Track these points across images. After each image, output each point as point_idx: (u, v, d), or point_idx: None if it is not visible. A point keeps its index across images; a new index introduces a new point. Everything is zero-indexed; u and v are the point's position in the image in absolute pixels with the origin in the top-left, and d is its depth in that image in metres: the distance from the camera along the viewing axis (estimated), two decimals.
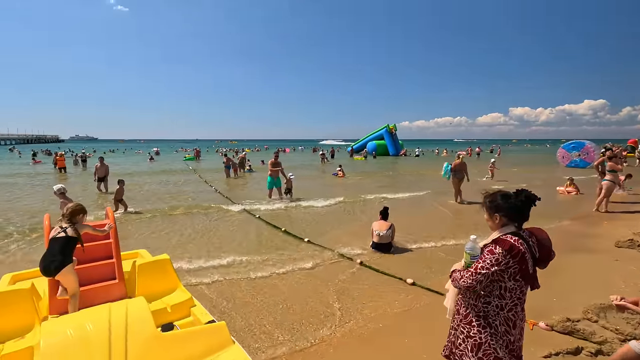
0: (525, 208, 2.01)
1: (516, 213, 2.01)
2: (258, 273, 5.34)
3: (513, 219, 2.02)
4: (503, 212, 2.03)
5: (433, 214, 9.61)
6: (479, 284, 1.95)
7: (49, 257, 3.15)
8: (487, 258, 1.93)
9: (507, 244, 1.91)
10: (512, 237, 1.95)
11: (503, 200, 2.04)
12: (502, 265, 1.89)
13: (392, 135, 41.73)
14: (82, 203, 3.60)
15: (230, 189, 14.41)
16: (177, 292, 3.70)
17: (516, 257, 1.89)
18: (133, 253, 4.95)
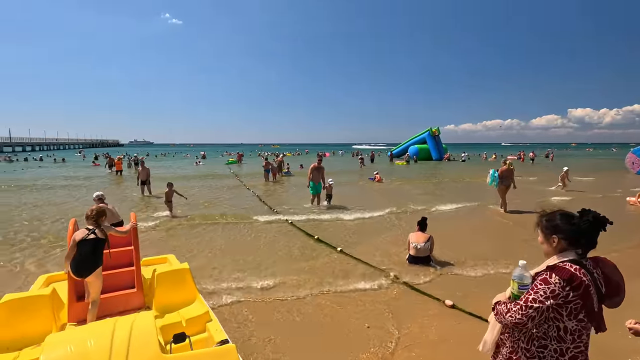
0: (593, 232, 1.63)
1: (580, 237, 1.64)
2: (289, 291, 4.96)
3: (575, 244, 1.65)
4: (563, 234, 1.67)
5: (479, 226, 8.79)
6: (531, 321, 1.57)
7: (82, 259, 3.22)
8: (541, 289, 1.57)
9: (566, 273, 1.55)
10: (573, 265, 1.58)
11: (564, 221, 1.68)
12: (559, 299, 1.53)
13: (435, 138, 40.09)
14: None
15: (269, 194, 14.18)
16: (195, 304, 3.53)
17: (578, 290, 1.52)
18: (161, 258, 4.93)
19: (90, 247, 3.26)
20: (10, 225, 8.81)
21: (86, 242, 3.28)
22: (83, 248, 3.25)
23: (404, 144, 44.37)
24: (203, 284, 5.08)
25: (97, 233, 3.34)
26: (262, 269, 5.70)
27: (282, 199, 13.16)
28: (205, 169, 28.17)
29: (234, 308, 4.43)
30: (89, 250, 3.25)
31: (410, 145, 41.93)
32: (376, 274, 5.44)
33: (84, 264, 3.21)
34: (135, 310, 3.46)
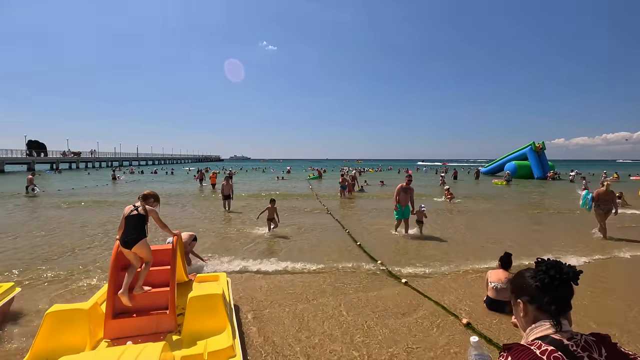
0: (552, 290, 1.19)
1: (539, 299, 1.21)
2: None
3: (543, 310, 1.21)
4: (526, 296, 1.26)
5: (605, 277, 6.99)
6: None
7: (126, 233, 3.62)
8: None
9: (524, 356, 1.11)
10: (542, 344, 1.13)
11: (527, 277, 1.27)
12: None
13: (539, 154, 35.16)
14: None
15: (347, 216, 12.71)
16: (223, 334, 3.29)
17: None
18: (213, 275, 4.91)
19: (133, 221, 3.67)
20: (98, 231, 10.05)
21: (130, 218, 3.69)
22: (129, 222, 3.67)
23: (499, 160, 39.98)
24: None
25: (139, 210, 3.73)
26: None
27: (357, 217, 12.47)
28: (284, 186, 29.04)
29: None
30: (133, 224, 3.65)
31: (507, 161, 37.58)
32: (443, 316, 4.57)
33: (128, 236, 3.59)
34: (165, 333, 3.37)
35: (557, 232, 9.93)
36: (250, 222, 11.12)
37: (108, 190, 23.75)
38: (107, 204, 15.70)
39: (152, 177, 39.38)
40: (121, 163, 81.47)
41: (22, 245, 8.33)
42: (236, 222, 11.58)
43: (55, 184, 27.45)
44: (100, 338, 3.27)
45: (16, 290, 4.80)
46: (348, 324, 4.36)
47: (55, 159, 62.75)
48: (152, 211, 3.83)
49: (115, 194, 21.48)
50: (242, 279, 6.07)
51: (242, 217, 12.44)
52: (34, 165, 56.57)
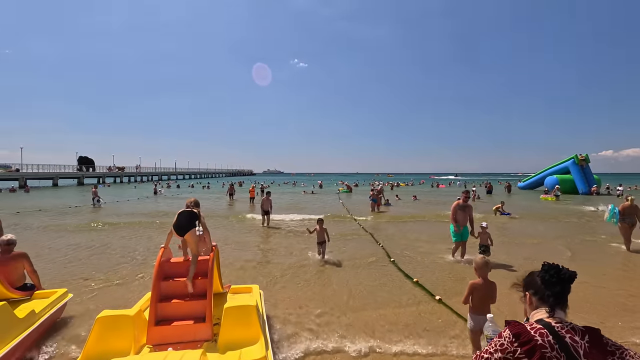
0: (552, 286, 1.61)
1: (542, 292, 1.64)
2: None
3: (544, 300, 1.64)
4: (533, 289, 1.69)
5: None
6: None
7: (179, 222, 4.15)
8: (495, 342, 1.66)
9: (517, 329, 1.58)
10: (535, 324, 1.57)
11: (534, 276, 1.70)
12: (507, 353, 1.57)
13: (583, 167, 33.14)
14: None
15: (389, 238, 11.24)
16: (257, 345, 3.40)
17: (524, 346, 1.52)
18: (247, 287, 5.06)
19: (187, 215, 4.21)
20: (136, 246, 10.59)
21: (184, 212, 4.24)
22: (182, 215, 4.21)
23: (538, 174, 38.07)
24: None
25: (193, 208, 4.32)
26: None
27: (403, 242, 10.40)
28: (313, 200, 29.16)
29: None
30: (186, 216, 4.19)
31: (547, 175, 35.70)
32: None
33: (181, 224, 4.12)
34: (202, 341, 3.53)
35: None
36: (294, 240, 10.61)
37: (153, 203, 25.01)
38: (155, 226, 14.36)
39: (190, 191, 41.14)
40: (160, 177, 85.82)
41: (84, 255, 8.99)
42: (277, 237, 11.38)
43: (107, 197, 29.35)
44: (143, 343, 3.48)
45: (69, 296, 5.20)
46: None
47: (102, 174, 67.34)
48: (200, 213, 4.33)
49: (159, 212, 22.57)
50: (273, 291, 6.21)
51: (283, 234, 11.94)
52: (84, 179, 60.98)
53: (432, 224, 14.13)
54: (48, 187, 48.77)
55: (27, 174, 50.56)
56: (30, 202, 24.76)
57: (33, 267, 5.01)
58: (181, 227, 4.11)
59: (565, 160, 34.54)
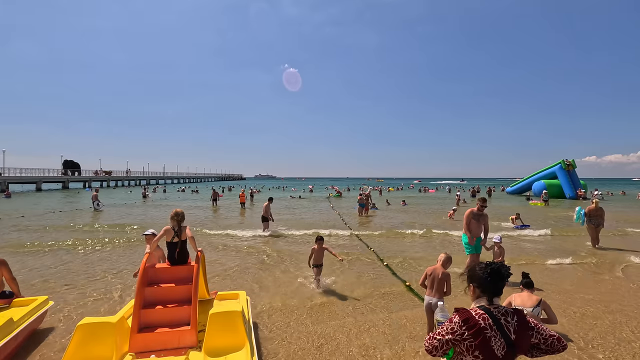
0: (494, 282, 1.95)
1: (484, 286, 1.97)
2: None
3: (483, 291, 1.98)
4: (475, 283, 2.02)
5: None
6: (434, 349, 1.94)
7: (171, 256, 4.19)
8: (445, 326, 1.94)
9: (464, 315, 1.89)
10: (478, 310, 1.92)
11: (476, 271, 2.02)
12: (456, 335, 1.87)
13: (570, 172, 33.84)
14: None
15: (381, 245, 10.78)
16: (242, 351, 3.36)
17: (471, 330, 1.83)
18: (234, 294, 5.00)
19: (179, 248, 4.19)
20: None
21: (174, 245, 4.21)
22: (172, 248, 4.20)
23: (526, 179, 38.72)
24: None
25: (178, 227, 4.27)
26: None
27: (405, 253, 9.55)
28: (304, 204, 29.17)
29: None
30: (178, 252, 4.19)
31: (535, 180, 36.36)
32: None
33: (174, 260, 4.17)
34: (187, 348, 3.46)
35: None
36: (293, 255, 9.32)
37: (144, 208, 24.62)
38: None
39: (179, 195, 40.58)
40: (148, 182, 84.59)
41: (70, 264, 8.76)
42: (278, 251, 9.84)
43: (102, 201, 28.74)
44: (126, 351, 3.39)
45: (49, 303, 5.05)
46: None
47: (88, 178, 65.93)
48: (187, 228, 4.31)
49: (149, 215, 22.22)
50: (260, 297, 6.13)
51: (284, 245, 10.80)
52: (69, 183, 59.64)
53: (430, 240, 12.44)
54: (31, 192, 47.56)
55: (9, 178, 49.18)
56: (10, 206, 24.09)
57: (12, 274, 4.85)
58: (175, 262, 4.14)
59: (553, 165, 35.21)
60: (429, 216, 19.20)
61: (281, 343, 4.39)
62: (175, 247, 4.12)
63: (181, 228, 4.23)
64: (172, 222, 4.25)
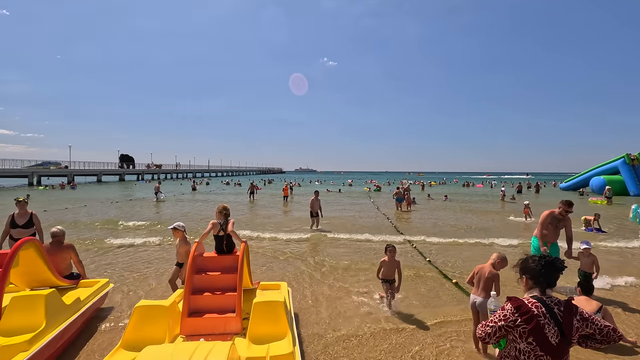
0: (547, 274, 2.00)
1: (537, 277, 2.02)
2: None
3: (536, 283, 2.03)
4: (528, 274, 2.08)
5: None
6: (488, 336, 2.02)
7: (219, 247, 4.47)
8: (498, 314, 2.01)
9: (517, 302, 1.97)
10: (531, 299, 1.98)
11: (528, 264, 2.08)
12: (509, 322, 1.94)
13: (635, 167, 30.73)
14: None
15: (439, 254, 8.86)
16: (284, 340, 3.46)
17: (524, 316, 1.90)
18: (276, 284, 5.16)
19: (225, 241, 4.46)
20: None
21: (221, 239, 4.47)
22: (219, 241, 4.46)
23: (582, 175, 35.74)
24: None
25: (224, 222, 4.50)
26: None
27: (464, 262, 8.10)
28: (342, 199, 29.09)
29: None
30: (225, 244, 4.47)
31: (593, 175, 33.43)
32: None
33: (222, 251, 4.44)
34: (232, 334, 3.63)
35: None
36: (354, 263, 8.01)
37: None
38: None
39: (223, 188, 42.41)
40: (194, 175, 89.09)
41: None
42: (328, 258, 8.44)
43: (148, 193, 30.84)
44: (177, 333, 3.63)
45: (110, 285, 5.52)
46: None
47: (141, 171, 70.79)
48: (231, 223, 4.50)
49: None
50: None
51: (333, 250, 9.41)
52: (125, 176, 64.45)
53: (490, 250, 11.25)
54: (93, 183, 52.01)
55: (75, 171, 54.20)
56: (85, 195, 26.53)
57: (79, 257, 5.37)
58: (222, 253, 4.43)
59: (614, 159, 32.19)
60: (479, 215, 17.07)
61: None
62: (222, 240, 4.39)
63: (227, 222, 4.46)
64: (219, 216, 4.51)
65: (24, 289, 4.77)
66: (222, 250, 4.38)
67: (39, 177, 48.87)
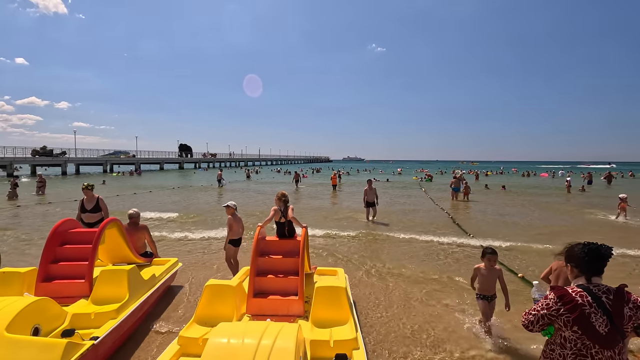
0: (592, 262, 1.94)
1: (582, 265, 1.97)
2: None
3: (582, 271, 1.98)
4: (573, 262, 2.03)
5: None
6: (530, 324, 2.02)
7: (280, 232, 4.64)
8: (541, 302, 2.00)
9: (560, 292, 1.93)
10: (576, 288, 1.93)
11: (574, 251, 2.03)
12: (551, 311, 1.92)
13: None
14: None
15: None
16: (347, 325, 3.48)
17: (567, 305, 1.86)
18: (332, 270, 5.20)
19: (287, 227, 4.58)
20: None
21: (282, 225, 4.60)
22: (281, 228, 4.61)
23: None
24: None
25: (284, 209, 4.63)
26: None
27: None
28: (394, 191, 28.40)
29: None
30: (287, 229, 4.58)
31: None
32: None
33: (284, 236, 4.57)
34: (295, 316, 3.73)
35: None
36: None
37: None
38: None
39: (274, 176, 43.75)
40: (246, 163, 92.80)
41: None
42: (396, 263, 7.08)
43: (206, 179, 32.75)
44: (243, 313, 3.81)
45: (179, 264, 5.95)
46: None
47: (198, 159, 75.31)
48: (290, 208, 4.65)
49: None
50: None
51: (398, 251, 8.14)
52: (184, 164, 69.00)
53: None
54: (156, 171, 56.38)
55: (141, 159, 59.14)
56: (150, 182, 28.93)
57: (152, 237, 5.85)
58: (284, 237, 4.56)
59: None
60: (549, 210, 14.79)
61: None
62: (283, 226, 4.54)
63: (287, 208, 4.58)
64: (278, 202, 4.64)
65: (108, 264, 5.32)
66: (283, 235, 4.49)
67: (112, 165, 54.24)
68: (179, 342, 3.17)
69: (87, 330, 3.48)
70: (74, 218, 5.55)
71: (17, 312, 3.02)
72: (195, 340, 3.14)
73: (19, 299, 3.25)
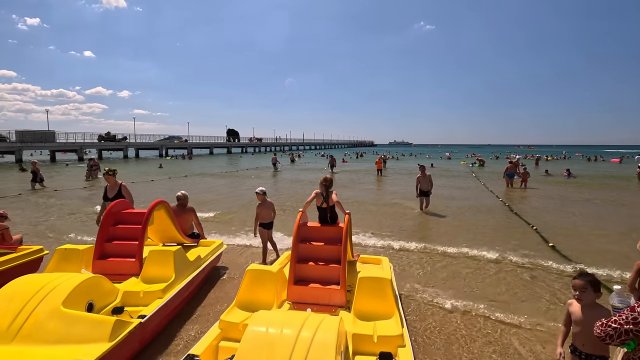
0: None
1: None
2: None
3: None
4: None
5: None
6: (608, 338, 1.75)
7: (322, 217, 4.40)
8: (626, 314, 1.73)
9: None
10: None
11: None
12: (639, 326, 1.65)
13: None
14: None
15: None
16: (392, 320, 3.26)
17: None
18: (376, 258, 4.99)
19: (329, 212, 4.34)
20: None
21: (324, 211, 4.38)
22: (323, 213, 4.38)
23: None
24: None
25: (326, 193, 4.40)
26: None
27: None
28: (444, 181, 27.08)
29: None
30: (328, 214, 4.36)
31: None
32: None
33: (325, 221, 4.37)
34: (337, 306, 3.57)
35: None
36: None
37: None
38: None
39: (317, 160, 43.76)
40: (290, 147, 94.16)
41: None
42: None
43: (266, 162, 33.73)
44: (284, 299, 3.73)
45: (224, 246, 6.05)
46: None
47: (245, 144, 77.83)
48: (334, 193, 4.43)
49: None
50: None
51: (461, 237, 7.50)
52: (231, 148, 71.68)
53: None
54: (206, 155, 59.14)
55: (192, 144, 62.41)
56: (194, 166, 30.41)
57: (199, 219, 5.99)
58: (326, 223, 4.37)
59: None
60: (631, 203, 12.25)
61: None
62: (325, 211, 4.32)
63: (329, 193, 4.35)
64: (320, 187, 4.43)
65: (159, 244, 5.54)
66: (325, 221, 4.30)
67: (166, 149, 57.75)
68: (220, 325, 3.16)
69: (136, 308, 3.60)
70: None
71: (73, 288, 3.17)
72: (235, 325, 3.10)
73: (75, 275, 3.43)
